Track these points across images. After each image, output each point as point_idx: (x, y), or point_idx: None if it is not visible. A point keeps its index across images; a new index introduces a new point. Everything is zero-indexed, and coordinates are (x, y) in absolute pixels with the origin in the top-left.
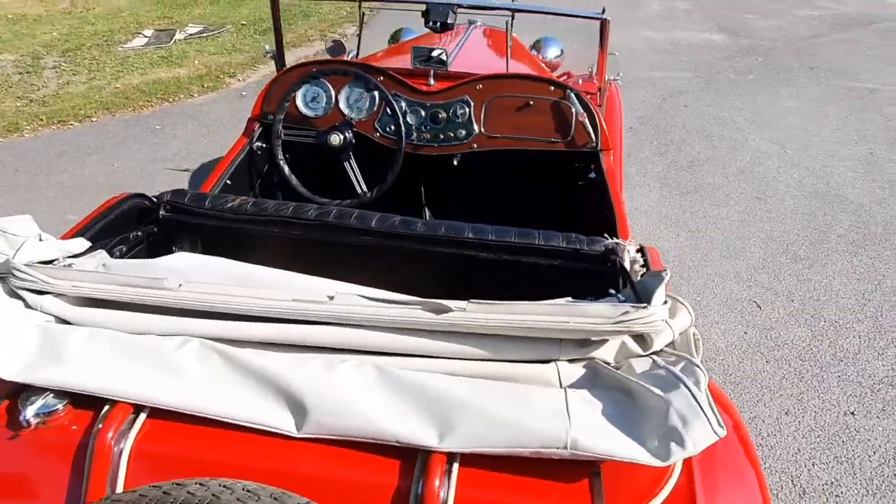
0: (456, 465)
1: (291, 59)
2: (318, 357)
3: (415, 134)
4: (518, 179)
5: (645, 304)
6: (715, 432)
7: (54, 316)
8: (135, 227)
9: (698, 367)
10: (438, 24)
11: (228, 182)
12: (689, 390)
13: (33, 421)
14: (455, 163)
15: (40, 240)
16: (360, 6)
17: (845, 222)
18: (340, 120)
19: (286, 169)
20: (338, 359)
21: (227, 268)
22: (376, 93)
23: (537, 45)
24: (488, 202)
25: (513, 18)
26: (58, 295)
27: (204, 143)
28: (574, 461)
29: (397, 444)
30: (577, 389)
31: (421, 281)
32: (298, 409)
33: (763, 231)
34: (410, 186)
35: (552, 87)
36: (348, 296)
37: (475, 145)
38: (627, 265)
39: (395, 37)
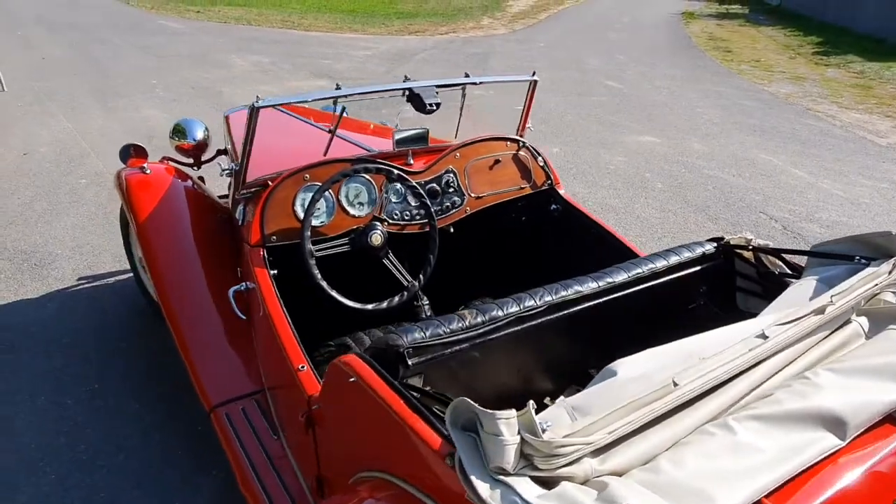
0: None
1: None
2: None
3: (416, 212)
4: (495, 232)
5: None
6: None
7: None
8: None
9: None
10: (433, 105)
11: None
12: None
13: None
14: (451, 230)
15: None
16: (335, 102)
17: None
18: (349, 221)
19: (328, 288)
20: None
21: (656, 356)
22: (373, 184)
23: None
24: (476, 261)
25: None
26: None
27: None
28: None
29: None
30: None
31: (600, 329)
32: (834, 423)
33: None
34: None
35: (508, 143)
36: (771, 328)
37: (468, 209)
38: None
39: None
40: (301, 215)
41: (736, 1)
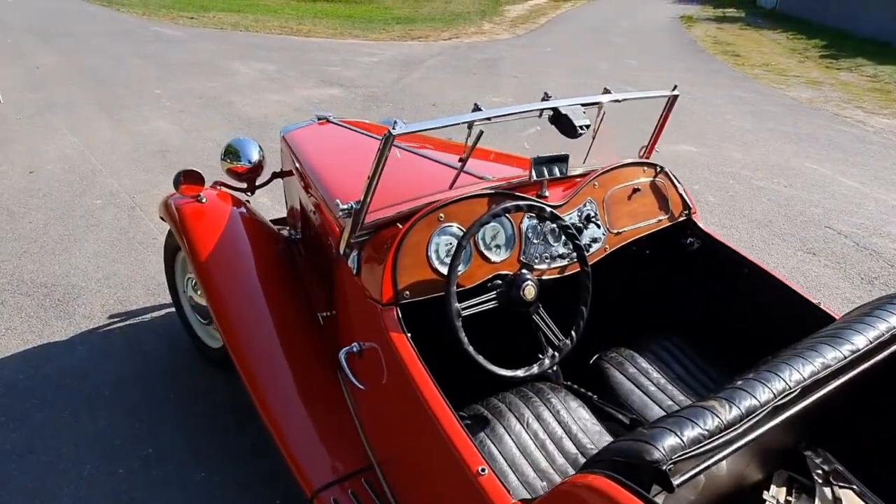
0: None
1: None
2: None
3: (558, 254)
4: (626, 271)
5: None
6: None
7: None
8: None
9: None
10: (583, 128)
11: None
12: None
13: None
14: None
15: None
16: (470, 126)
17: None
18: (488, 268)
19: (475, 353)
20: None
21: None
22: (511, 222)
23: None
24: (603, 305)
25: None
26: None
27: None
28: None
29: None
30: None
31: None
32: None
33: None
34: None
35: (646, 168)
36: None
37: (607, 247)
38: None
39: (231, 151)
40: (436, 264)
41: (730, 4)
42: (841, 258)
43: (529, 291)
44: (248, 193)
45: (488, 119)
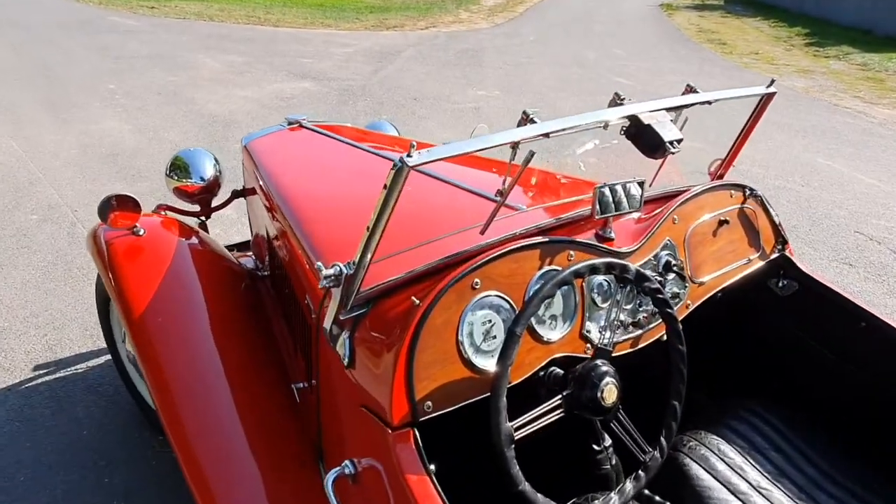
0: None
1: None
2: None
3: (632, 322)
4: (701, 324)
5: None
6: None
7: None
8: None
9: None
10: (675, 143)
11: None
12: None
13: None
14: (663, 339)
15: None
16: (514, 148)
17: None
18: (540, 352)
19: (534, 494)
20: None
21: None
22: (572, 283)
23: None
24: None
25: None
26: None
27: None
28: None
29: None
30: None
31: None
32: None
33: None
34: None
35: (733, 192)
36: None
37: (689, 303)
38: None
39: (179, 165)
40: (470, 355)
41: None
42: (881, 269)
43: (611, 392)
44: (202, 218)
45: (545, 136)
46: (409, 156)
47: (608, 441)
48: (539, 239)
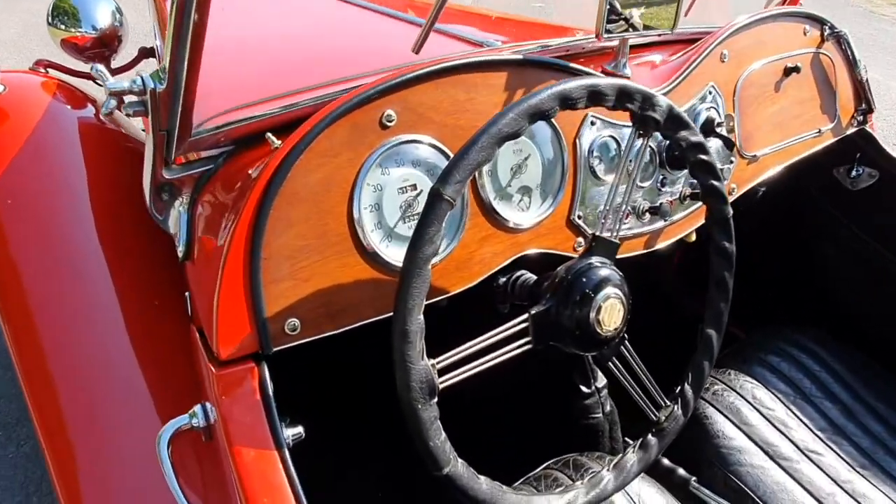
0: None
1: None
2: None
3: (654, 207)
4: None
5: None
6: None
7: None
8: None
9: None
10: None
11: None
12: None
13: None
14: (693, 238)
15: None
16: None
17: None
18: (504, 249)
19: (466, 469)
20: None
21: None
22: (555, 136)
23: None
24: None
25: None
26: None
27: None
28: None
29: None
30: None
31: None
32: None
33: None
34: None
35: (807, 27)
36: None
37: (735, 186)
38: None
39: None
40: (374, 243)
41: None
42: None
43: (613, 311)
44: (100, 83)
45: None
46: None
47: (602, 381)
48: (504, 55)
